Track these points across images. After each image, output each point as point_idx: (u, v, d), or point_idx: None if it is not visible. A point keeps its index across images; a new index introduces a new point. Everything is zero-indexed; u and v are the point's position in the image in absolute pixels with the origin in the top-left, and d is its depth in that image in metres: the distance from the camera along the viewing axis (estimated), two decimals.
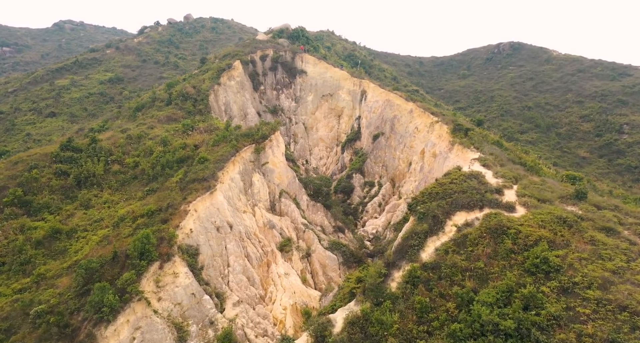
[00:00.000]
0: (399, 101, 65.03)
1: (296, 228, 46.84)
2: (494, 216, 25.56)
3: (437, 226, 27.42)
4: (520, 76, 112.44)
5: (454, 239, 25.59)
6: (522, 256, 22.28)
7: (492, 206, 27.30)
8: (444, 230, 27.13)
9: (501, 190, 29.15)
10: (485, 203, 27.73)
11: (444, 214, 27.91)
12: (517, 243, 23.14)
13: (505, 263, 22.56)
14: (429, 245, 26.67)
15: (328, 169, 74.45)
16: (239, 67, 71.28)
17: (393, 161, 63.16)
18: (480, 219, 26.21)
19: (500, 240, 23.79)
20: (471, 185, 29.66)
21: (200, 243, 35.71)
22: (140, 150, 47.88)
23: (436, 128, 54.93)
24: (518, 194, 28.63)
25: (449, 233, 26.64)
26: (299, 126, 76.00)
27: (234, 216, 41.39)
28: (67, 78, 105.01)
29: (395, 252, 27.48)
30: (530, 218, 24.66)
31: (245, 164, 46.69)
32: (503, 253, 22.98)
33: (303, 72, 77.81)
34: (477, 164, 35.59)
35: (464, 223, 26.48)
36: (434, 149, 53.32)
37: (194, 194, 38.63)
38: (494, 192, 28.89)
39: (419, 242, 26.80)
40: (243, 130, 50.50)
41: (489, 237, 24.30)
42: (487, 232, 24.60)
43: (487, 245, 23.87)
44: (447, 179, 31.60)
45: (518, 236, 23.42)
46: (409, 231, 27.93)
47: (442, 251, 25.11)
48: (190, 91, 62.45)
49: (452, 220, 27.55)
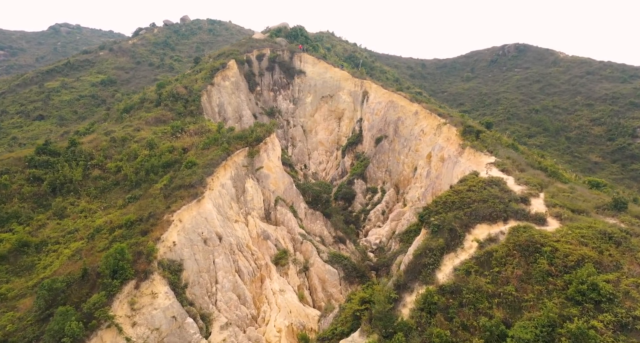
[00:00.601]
0: (403, 102, 61.34)
1: (293, 239, 42.96)
2: (523, 231, 21.70)
3: (454, 241, 23.57)
4: (526, 79, 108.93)
5: (475, 257, 21.73)
6: (563, 281, 18.41)
7: (519, 217, 23.45)
8: (462, 245, 23.28)
9: (527, 199, 25.31)
10: (510, 214, 23.89)
11: (463, 227, 24.07)
12: (554, 264, 19.27)
13: (542, 289, 18.69)
14: (446, 264, 22.81)
15: (328, 174, 70.65)
16: (234, 67, 67.66)
17: (397, 165, 59.37)
18: (505, 233, 22.36)
19: (533, 259, 19.92)
20: (492, 193, 25.83)
21: (185, 258, 31.83)
22: (124, 154, 44.08)
23: (444, 131, 51.19)
24: (547, 203, 24.79)
25: (470, 250, 22.79)
26: (297, 129, 72.28)
27: (224, 227, 37.53)
28: (57, 80, 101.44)
29: (407, 272, 23.60)
30: (568, 233, 20.79)
31: (238, 169, 42.89)
32: (538, 276, 19.10)
33: (301, 73, 74.17)
34: (495, 169, 31.73)
35: (486, 238, 22.63)
36: (441, 153, 49.56)
37: (179, 202, 34.79)
38: (519, 201, 25.07)
39: (434, 260, 22.93)
40: (236, 132, 46.75)
41: (518, 256, 20.43)
42: (516, 249, 20.73)
43: (517, 266, 20.00)
44: (463, 186, 27.76)
45: (555, 255, 19.54)
46: (421, 247, 24.05)
47: (463, 271, 21.25)
48: (181, 92, 58.75)
49: (472, 233, 23.70)
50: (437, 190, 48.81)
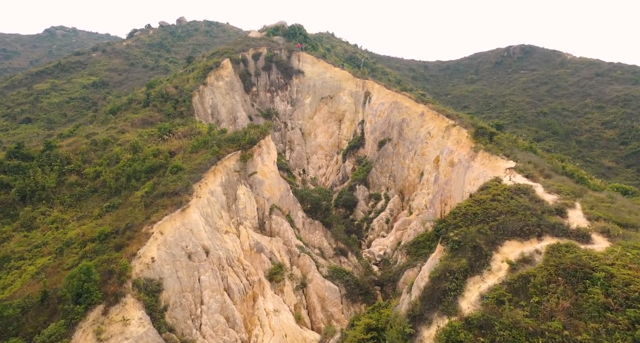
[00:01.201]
0: (408, 103, 57.62)
1: (289, 252, 39.04)
2: (565, 250, 17.83)
3: (480, 261, 19.68)
4: (533, 80, 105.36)
5: (507, 282, 17.83)
6: (627, 318, 14.50)
7: (557, 233, 19.57)
8: (490, 267, 19.39)
9: (563, 210, 21.41)
10: (544, 228, 20.02)
11: (489, 244, 20.19)
12: (612, 294, 15.37)
13: (599, 327, 14.77)
14: (470, 289, 18.91)
15: (328, 180, 66.82)
16: (228, 66, 64.01)
17: (402, 170, 55.54)
18: (542, 253, 18.48)
19: (583, 287, 16.04)
20: (521, 203, 21.95)
21: (165, 276, 27.91)
22: (105, 158, 40.26)
23: (453, 133, 47.46)
24: (588, 216, 20.89)
25: (499, 273, 18.90)
26: (296, 132, 68.51)
27: (212, 239, 33.64)
28: (47, 82, 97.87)
29: (423, 298, 19.69)
30: (624, 254, 16.90)
31: (229, 175, 39.07)
32: (592, 310, 15.19)
33: (300, 73, 70.50)
34: (519, 175, 27.85)
35: (519, 258, 18.74)
36: (451, 157, 45.79)
37: (161, 212, 30.92)
38: (553, 213, 21.20)
39: (457, 285, 19.02)
40: (227, 134, 42.97)
41: (563, 282, 16.53)
42: (559, 274, 16.85)
43: (562, 295, 16.10)
44: (486, 195, 23.88)
45: (611, 283, 15.65)
46: (440, 269, 20.14)
47: (492, 299, 17.36)
48: (171, 92, 55.08)
49: (501, 252, 19.83)
50: (446, 197, 45.05)
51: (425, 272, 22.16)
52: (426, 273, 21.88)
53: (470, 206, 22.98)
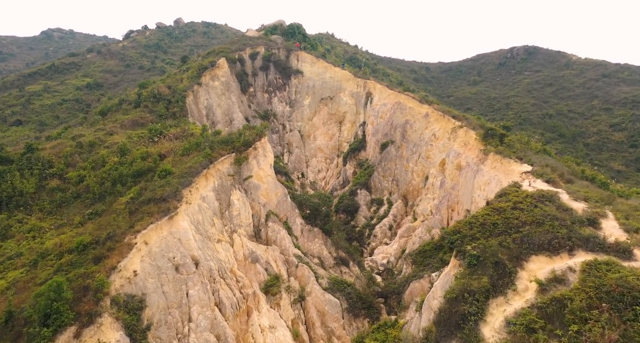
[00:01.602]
0: (412, 104, 55.14)
1: (287, 261, 36.44)
2: (606, 268, 15.29)
3: (503, 280, 17.12)
4: (537, 82, 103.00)
5: (538, 305, 15.27)
6: None
7: (592, 247, 17.04)
8: (515, 286, 16.84)
9: (595, 221, 18.86)
10: (577, 242, 17.49)
11: (513, 259, 17.64)
12: None
13: None
14: (493, 313, 16.33)
15: (327, 184, 64.26)
16: (224, 66, 61.56)
17: (405, 174, 53.01)
18: (577, 271, 15.93)
19: (633, 315, 13.48)
20: (548, 213, 19.38)
21: (149, 291, 25.30)
22: (90, 161, 37.70)
23: (460, 134, 45.00)
24: (625, 227, 18.35)
25: (526, 294, 16.35)
26: (294, 134, 65.99)
27: (203, 248, 31.04)
28: (40, 84, 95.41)
29: (439, 323, 17.10)
30: None
31: (222, 179, 36.50)
32: None
33: (299, 73, 68.04)
34: (539, 180, 25.26)
35: (550, 278, 16.20)
36: (458, 160, 43.32)
37: (146, 220, 28.33)
38: (585, 223, 18.65)
39: (478, 308, 16.44)
40: (221, 136, 40.44)
41: (608, 308, 13.96)
42: (601, 298, 14.28)
43: (608, 324, 13.53)
44: (505, 202, 21.29)
45: None
46: (457, 288, 17.55)
47: (521, 327, 14.82)
48: (163, 92, 52.60)
49: (527, 269, 17.28)
50: (453, 203, 42.54)
51: (439, 290, 19.59)
52: (439, 292, 19.30)
53: (488, 216, 20.40)
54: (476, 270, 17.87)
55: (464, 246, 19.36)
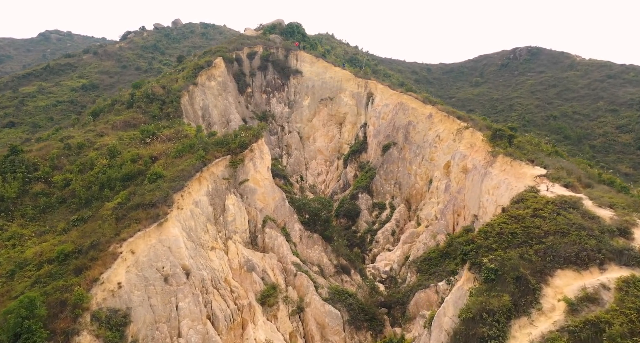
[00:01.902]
0: (415, 104, 53.29)
1: (285, 270, 34.51)
2: None
3: (526, 297, 15.21)
4: (541, 83, 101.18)
5: (569, 329, 13.34)
6: None
7: (627, 261, 15.16)
8: (539, 305, 14.92)
9: (627, 230, 16.94)
10: (608, 254, 15.59)
11: (536, 274, 15.75)
12: None
13: None
14: (516, 336, 14.41)
15: (327, 187, 62.35)
16: (221, 66, 59.75)
17: (408, 177, 51.11)
18: (612, 288, 14.02)
19: None
20: (572, 221, 17.48)
21: (134, 304, 23.37)
22: (78, 164, 35.80)
23: (466, 136, 43.14)
24: None
25: (553, 314, 14.42)
26: (293, 136, 64.14)
27: (195, 257, 29.13)
28: (34, 85, 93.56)
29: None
30: None
31: (217, 183, 34.61)
32: None
33: (298, 73, 66.22)
34: (557, 185, 23.32)
35: (580, 295, 14.28)
36: (464, 162, 41.43)
37: (134, 227, 26.44)
38: (615, 233, 16.75)
39: (499, 331, 14.53)
40: (216, 138, 38.56)
41: None
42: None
43: None
44: (524, 209, 19.37)
45: None
46: (474, 307, 15.61)
47: None
48: (157, 92, 50.80)
49: (552, 285, 15.36)
50: (459, 207, 40.65)
51: (451, 307, 17.66)
52: (452, 309, 17.37)
53: (505, 224, 18.48)
54: (495, 286, 15.95)
55: (480, 258, 17.45)
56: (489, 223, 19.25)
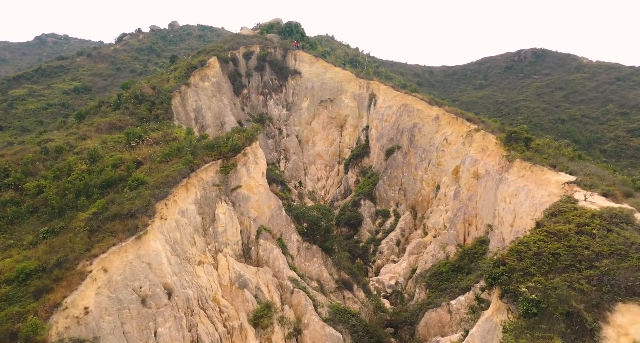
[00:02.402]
0: (420, 105, 50.25)
1: (280, 286, 31.28)
2: None
3: (582, 340, 11.93)
4: (547, 85, 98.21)
5: None
6: None
7: None
8: None
9: None
10: None
11: (592, 309, 12.50)
12: None
13: None
14: None
15: (327, 193, 59.21)
16: (215, 66, 56.76)
17: (414, 183, 47.98)
18: None
19: None
20: (629, 240, 14.27)
21: (104, 333, 20.16)
22: (54, 169, 32.58)
23: (477, 139, 40.09)
24: None
25: None
26: (291, 139, 61.04)
27: (180, 273, 25.94)
28: (24, 87, 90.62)
29: None
30: None
31: (206, 190, 31.47)
32: None
33: (296, 73, 63.21)
34: (595, 194, 20.09)
35: None
36: (475, 167, 38.35)
37: (108, 241, 23.26)
38: None
39: None
40: (206, 140, 35.41)
41: None
42: None
43: None
44: (565, 224, 16.14)
45: None
46: None
47: None
48: (147, 92, 47.74)
49: (614, 323, 12.16)
50: (470, 216, 37.50)
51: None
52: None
53: (544, 242, 15.27)
54: (538, 323, 12.74)
55: (515, 285, 14.23)
56: (522, 241, 16.02)
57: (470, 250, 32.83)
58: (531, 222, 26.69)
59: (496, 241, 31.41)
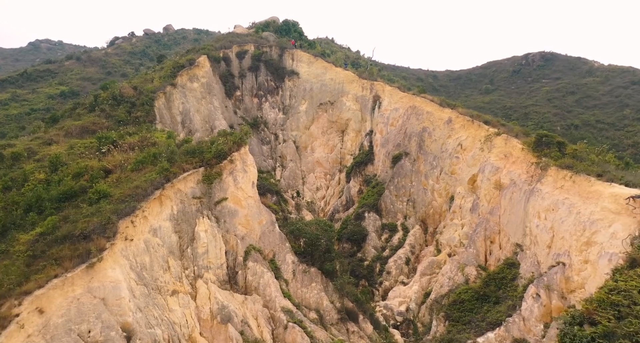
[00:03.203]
0: (430, 107, 45.55)
1: (272, 319, 26.19)
2: None
3: None
4: (557, 90, 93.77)
5: None
6: None
7: None
8: None
9: None
10: None
11: None
12: None
13: None
14: None
15: (328, 204, 54.28)
16: (205, 65, 52.15)
17: (424, 193, 43.06)
18: None
19: None
20: None
21: None
22: (5, 180, 27.57)
23: (498, 144, 35.28)
24: None
25: None
26: (288, 145, 56.25)
27: (147, 308, 20.88)
28: (7, 92, 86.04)
29: None
30: None
31: (185, 203, 26.53)
32: None
33: (294, 74, 58.58)
34: None
35: None
36: (496, 176, 33.49)
37: (49, 271, 18.30)
38: None
39: None
40: (188, 145, 30.52)
41: None
42: None
43: None
44: None
45: None
46: None
47: None
48: (127, 93, 43.08)
49: None
50: (492, 232, 32.54)
51: None
52: None
53: None
54: None
55: None
56: (615, 288, 10.92)
57: (497, 275, 27.84)
58: (577, 243, 21.80)
59: (529, 265, 26.45)
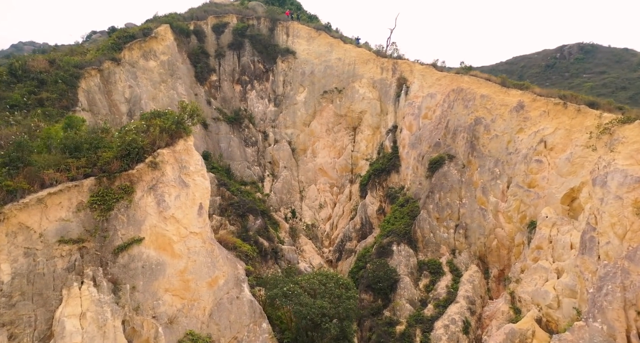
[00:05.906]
0: (486, 89, 31.49)
1: None
2: None
3: None
4: (605, 85, 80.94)
5: None
6: None
7: None
8: None
9: None
10: None
11: None
12: None
13: None
14: None
15: (335, 227, 40.04)
16: (167, 38, 38.59)
17: (482, 216, 28.68)
18: None
19: None
20: None
21: None
22: None
23: (627, 137, 21.10)
24: None
25: None
26: (282, 147, 42.17)
27: None
28: None
29: None
30: None
31: (35, 256, 12.04)
32: None
33: (289, 53, 44.60)
34: None
35: None
36: (635, 193, 19.07)
37: None
38: None
39: None
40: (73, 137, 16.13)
41: None
42: None
43: None
44: None
45: None
46: None
47: None
48: (38, 67, 29.93)
49: None
50: (636, 294, 17.99)
51: None
52: None
53: None
54: None
55: None
56: None
57: None
58: None
59: None
